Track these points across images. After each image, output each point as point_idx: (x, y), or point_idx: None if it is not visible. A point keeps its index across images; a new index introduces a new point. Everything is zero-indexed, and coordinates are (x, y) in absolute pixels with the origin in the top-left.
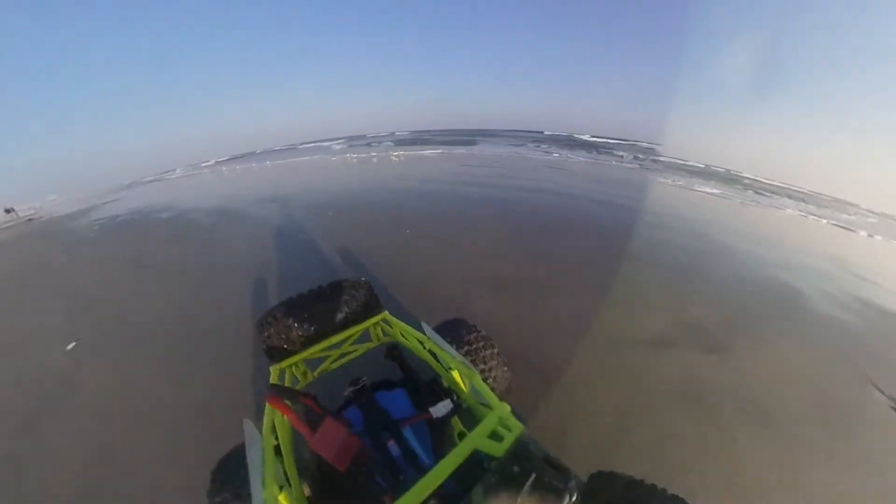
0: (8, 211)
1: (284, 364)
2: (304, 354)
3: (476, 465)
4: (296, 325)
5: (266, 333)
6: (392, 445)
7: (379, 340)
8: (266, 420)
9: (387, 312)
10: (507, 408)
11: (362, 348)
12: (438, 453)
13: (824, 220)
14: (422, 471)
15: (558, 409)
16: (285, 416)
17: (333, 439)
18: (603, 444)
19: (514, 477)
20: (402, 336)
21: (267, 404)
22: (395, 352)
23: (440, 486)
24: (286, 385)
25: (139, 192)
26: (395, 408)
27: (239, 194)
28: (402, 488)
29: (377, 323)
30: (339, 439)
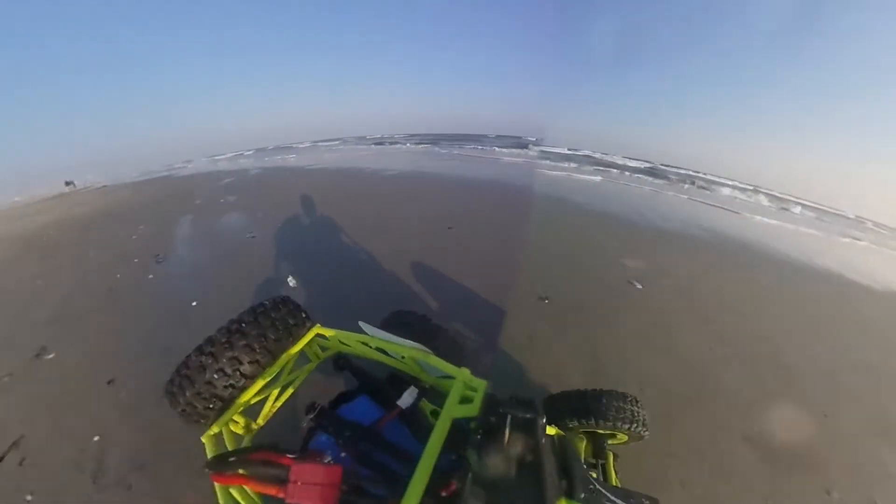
0: (68, 183)
1: (217, 427)
2: (239, 406)
3: (460, 432)
4: (216, 377)
5: (182, 401)
6: (375, 452)
7: (318, 358)
8: (221, 498)
9: (318, 325)
10: (467, 371)
11: (304, 373)
12: (422, 439)
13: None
14: (414, 462)
15: None
16: (243, 486)
17: (311, 482)
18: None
19: (493, 426)
20: (343, 343)
21: (215, 484)
22: (341, 362)
23: (436, 466)
24: (229, 450)
25: (184, 170)
26: (363, 416)
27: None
28: (401, 487)
29: (311, 340)
30: (317, 479)
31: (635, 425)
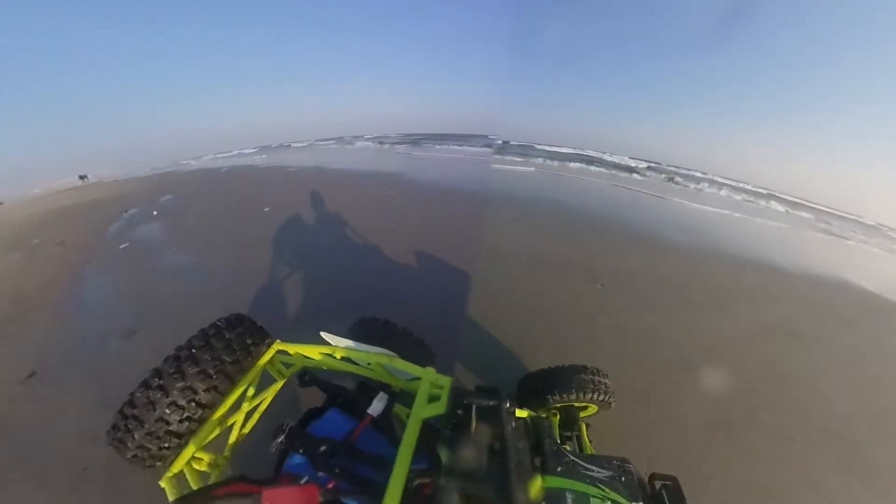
0: (81, 177)
1: (178, 467)
2: (200, 441)
3: (431, 431)
4: (168, 412)
5: (131, 446)
6: (352, 465)
7: (283, 376)
8: None
9: (278, 341)
10: (432, 370)
11: (270, 393)
12: (397, 444)
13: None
14: (391, 469)
15: None
16: None
17: None
18: None
19: (461, 419)
20: (307, 357)
21: None
22: (306, 377)
23: (413, 468)
24: (194, 490)
25: (187, 167)
26: (335, 430)
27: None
28: (380, 495)
29: (273, 357)
30: (292, 502)
31: (603, 395)
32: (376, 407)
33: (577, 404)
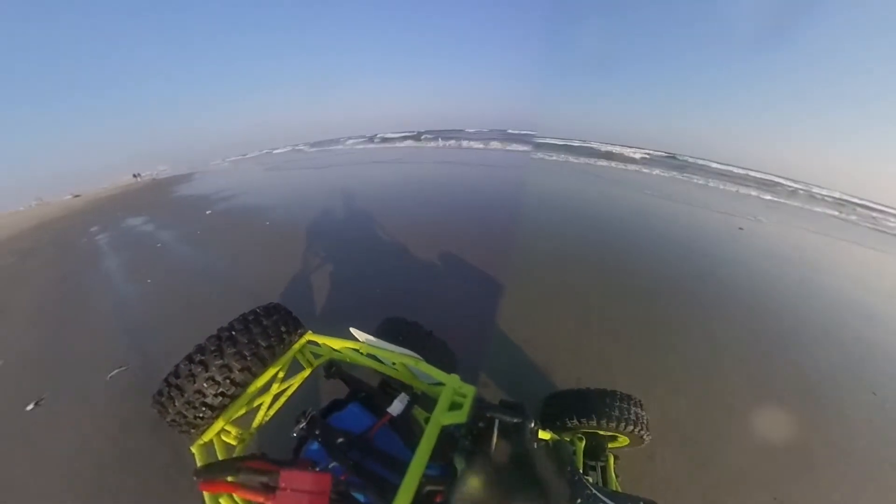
0: (135, 175)
1: (208, 437)
2: (230, 415)
3: (449, 439)
4: (205, 385)
5: (171, 411)
6: (366, 461)
7: (311, 365)
8: None
9: (310, 332)
10: (457, 377)
11: (297, 380)
12: (413, 447)
13: None
14: (404, 470)
15: None
16: (232, 493)
17: (300, 489)
18: None
19: (481, 432)
20: (335, 350)
21: (204, 493)
22: (333, 369)
23: (426, 474)
24: (220, 460)
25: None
26: (355, 424)
27: None
28: (390, 495)
29: (303, 347)
30: (306, 486)
31: (637, 427)
32: (396, 407)
33: (605, 433)
